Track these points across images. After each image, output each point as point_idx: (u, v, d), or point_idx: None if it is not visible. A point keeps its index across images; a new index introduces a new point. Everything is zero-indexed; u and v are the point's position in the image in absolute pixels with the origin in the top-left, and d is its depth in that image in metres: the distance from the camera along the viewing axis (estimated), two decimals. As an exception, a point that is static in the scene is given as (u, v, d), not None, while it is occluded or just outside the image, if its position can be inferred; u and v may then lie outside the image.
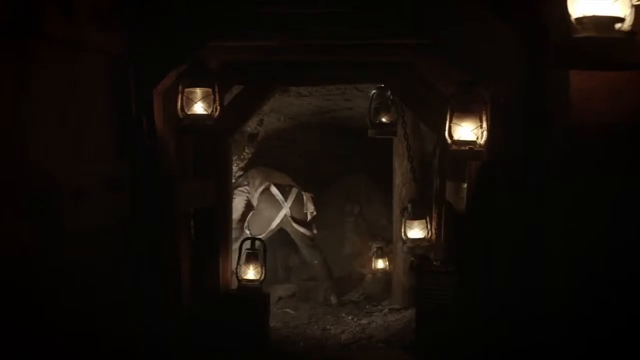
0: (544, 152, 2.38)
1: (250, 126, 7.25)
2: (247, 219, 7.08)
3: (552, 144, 2.32)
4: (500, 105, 3.17)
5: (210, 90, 3.74)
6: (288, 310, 6.72)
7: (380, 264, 7.34)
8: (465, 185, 4.48)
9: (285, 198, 6.96)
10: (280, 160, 7.45)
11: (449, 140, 3.72)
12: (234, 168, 7.25)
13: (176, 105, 3.73)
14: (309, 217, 7.02)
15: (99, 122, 2.70)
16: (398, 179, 6.54)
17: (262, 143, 7.58)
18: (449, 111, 3.72)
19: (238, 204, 7.12)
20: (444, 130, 3.74)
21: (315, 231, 7.12)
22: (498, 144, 3.31)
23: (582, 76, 2.07)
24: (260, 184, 7.04)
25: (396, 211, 6.50)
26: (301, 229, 7.00)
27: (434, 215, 5.52)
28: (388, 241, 7.45)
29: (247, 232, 6.88)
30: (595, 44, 1.73)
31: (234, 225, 7.10)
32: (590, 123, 2.12)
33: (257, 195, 7.06)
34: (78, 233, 2.37)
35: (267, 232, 6.88)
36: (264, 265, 5.27)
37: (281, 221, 7.00)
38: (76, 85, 2.41)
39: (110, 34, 2.69)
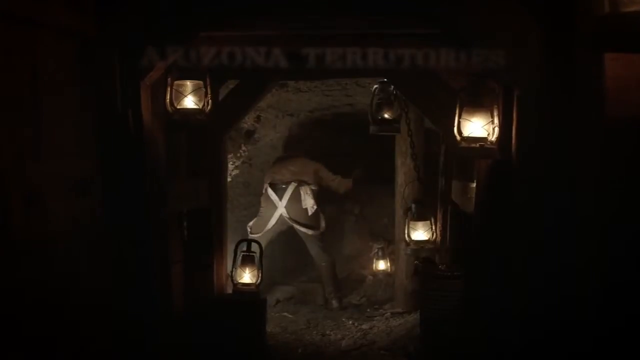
0: (573, 150, 2.12)
1: (247, 123, 6.99)
2: (254, 220, 6.80)
3: (582, 140, 2.06)
4: (518, 98, 2.90)
5: (201, 83, 3.50)
6: (286, 314, 6.46)
7: (382, 265, 7.11)
8: (473, 185, 4.24)
9: (281, 197, 6.66)
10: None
11: (458, 137, 3.48)
12: (230, 166, 7.00)
13: (165, 99, 3.48)
14: (310, 212, 6.69)
15: (66, 113, 2.39)
16: (400, 178, 6.26)
17: (260, 140, 7.33)
18: (458, 106, 3.48)
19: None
20: (453, 126, 3.49)
21: (323, 225, 6.74)
22: (515, 141, 3.05)
23: (619, 62, 1.81)
24: (264, 183, 6.77)
25: (398, 211, 6.25)
26: (303, 229, 6.70)
27: (439, 216, 5.27)
28: (389, 241, 7.21)
29: (249, 232, 6.61)
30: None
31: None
32: (627, 116, 1.86)
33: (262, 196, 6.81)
34: (32, 241, 2.08)
35: (262, 232, 6.62)
36: (260, 268, 5.02)
37: (277, 222, 6.71)
38: (35, 70, 2.10)
39: (82, 14, 2.39)
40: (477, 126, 3.42)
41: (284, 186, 6.67)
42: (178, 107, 3.48)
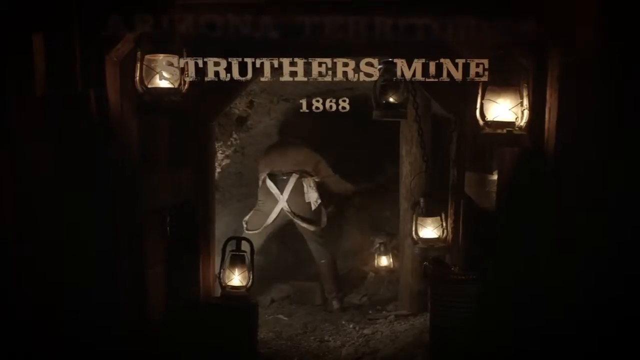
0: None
1: (239, 108, 6.45)
2: (249, 214, 6.24)
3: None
4: (564, 71, 2.37)
5: (177, 57, 2.96)
6: (281, 316, 5.95)
7: (384, 261, 6.59)
8: (492, 177, 3.74)
9: (282, 189, 6.12)
10: (273, 146, 6.60)
11: (481, 122, 2.96)
12: (220, 156, 6.48)
13: (134, 77, 2.95)
14: (313, 207, 6.13)
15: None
16: (405, 168, 5.73)
17: (253, 128, 6.79)
18: (480, 85, 2.96)
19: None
20: (475, 109, 2.98)
21: (324, 220, 6.18)
22: (552, 125, 2.53)
23: None
24: (261, 173, 6.23)
25: (403, 204, 5.73)
26: (304, 225, 6.16)
27: (450, 211, 4.75)
28: (392, 235, 6.70)
29: (245, 228, 6.08)
30: None
31: None
32: None
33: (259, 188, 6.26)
34: None
35: (260, 228, 6.10)
36: (251, 269, 4.51)
37: (278, 216, 6.17)
38: None
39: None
40: (504, 109, 2.90)
41: (284, 177, 6.12)
42: (149, 86, 2.94)
